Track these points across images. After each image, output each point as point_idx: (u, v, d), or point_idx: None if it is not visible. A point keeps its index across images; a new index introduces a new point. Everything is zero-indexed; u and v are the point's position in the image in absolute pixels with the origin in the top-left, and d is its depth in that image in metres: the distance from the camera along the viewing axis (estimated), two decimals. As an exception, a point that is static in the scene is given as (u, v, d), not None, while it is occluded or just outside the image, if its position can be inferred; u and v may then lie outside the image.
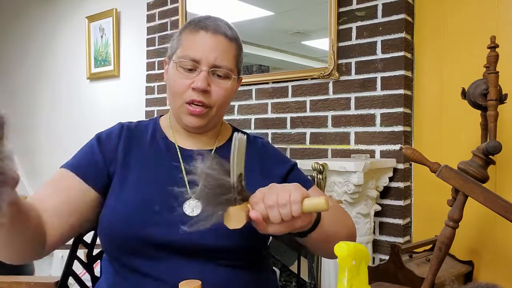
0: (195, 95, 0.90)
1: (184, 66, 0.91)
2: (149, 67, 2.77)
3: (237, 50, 0.96)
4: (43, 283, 1.06)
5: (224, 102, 0.95)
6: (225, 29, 0.94)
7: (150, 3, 2.75)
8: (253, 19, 2.30)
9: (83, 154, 0.94)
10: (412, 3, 1.85)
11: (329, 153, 1.99)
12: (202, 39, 0.92)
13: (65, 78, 3.46)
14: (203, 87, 0.89)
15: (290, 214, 0.70)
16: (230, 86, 0.94)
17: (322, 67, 2.00)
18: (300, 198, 0.71)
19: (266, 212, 0.71)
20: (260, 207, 0.72)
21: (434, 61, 1.82)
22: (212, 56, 0.90)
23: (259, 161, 1.01)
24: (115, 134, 0.97)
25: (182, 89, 0.91)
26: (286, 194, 0.71)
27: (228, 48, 0.93)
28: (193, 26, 0.94)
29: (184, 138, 0.99)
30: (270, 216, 0.71)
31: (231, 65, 0.94)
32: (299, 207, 0.71)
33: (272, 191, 0.73)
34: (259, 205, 0.72)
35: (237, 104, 2.32)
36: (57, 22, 3.51)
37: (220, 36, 0.92)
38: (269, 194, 0.72)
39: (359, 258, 0.69)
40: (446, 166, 1.16)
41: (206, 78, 0.90)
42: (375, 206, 1.79)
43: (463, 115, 1.70)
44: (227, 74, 0.93)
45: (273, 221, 0.72)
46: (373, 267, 1.51)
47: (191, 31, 0.93)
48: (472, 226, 1.68)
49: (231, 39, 0.94)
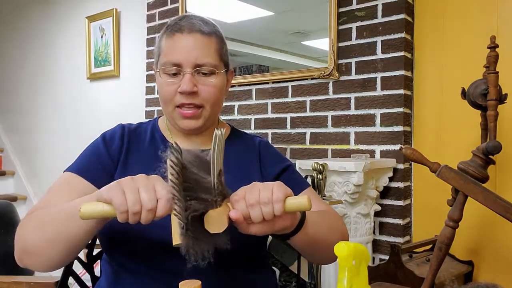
0: (183, 98, 0.91)
1: (168, 72, 0.92)
2: (149, 67, 2.76)
3: (218, 43, 0.95)
4: (43, 283, 1.06)
5: (216, 99, 0.95)
6: (200, 25, 0.93)
7: (150, 3, 2.75)
8: (253, 19, 2.30)
9: (89, 156, 0.94)
10: (412, 3, 1.85)
11: (329, 153, 1.99)
12: (179, 41, 0.92)
13: (65, 78, 3.46)
14: (189, 89, 0.90)
15: (272, 213, 0.68)
16: (217, 82, 0.94)
17: (322, 67, 2.00)
18: (283, 196, 0.69)
19: (247, 211, 0.69)
20: (241, 206, 0.69)
21: (434, 61, 1.82)
22: (192, 56, 0.90)
23: (258, 161, 1.01)
24: (118, 135, 0.97)
25: (171, 95, 0.92)
26: (269, 192, 0.69)
27: (207, 44, 0.92)
28: (169, 30, 0.95)
29: (182, 139, 0.99)
30: (252, 215, 0.69)
31: (214, 61, 0.93)
32: (282, 206, 0.69)
33: (254, 189, 0.70)
34: (240, 203, 0.69)
35: (237, 104, 2.32)
36: (57, 22, 3.51)
37: (196, 34, 0.92)
38: (251, 193, 0.70)
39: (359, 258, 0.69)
40: (446, 166, 1.16)
41: (191, 79, 0.90)
42: (375, 206, 1.79)
43: (463, 115, 1.70)
44: (212, 71, 0.92)
45: (255, 220, 0.69)
46: (373, 267, 1.51)
47: (168, 36, 0.94)
48: (472, 226, 1.68)
49: (209, 34, 0.93)
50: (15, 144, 3.96)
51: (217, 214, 0.68)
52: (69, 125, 3.40)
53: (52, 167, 3.53)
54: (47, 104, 3.62)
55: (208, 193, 0.66)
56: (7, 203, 1.85)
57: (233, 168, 0.97)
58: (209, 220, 0.67)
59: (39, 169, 3.69)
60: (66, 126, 3.44)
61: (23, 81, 3.86)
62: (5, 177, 3.87)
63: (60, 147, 3.47)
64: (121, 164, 0.93)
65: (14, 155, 3.95)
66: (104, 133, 0.99)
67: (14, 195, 3.74)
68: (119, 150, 0.94)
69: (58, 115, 3.52)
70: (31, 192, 3.75)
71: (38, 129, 3.71)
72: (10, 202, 1.86)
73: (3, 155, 4.02)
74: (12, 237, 0.81)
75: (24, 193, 3.79)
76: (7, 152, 3.98)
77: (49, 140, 3.59)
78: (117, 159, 0.93)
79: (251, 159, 1.02)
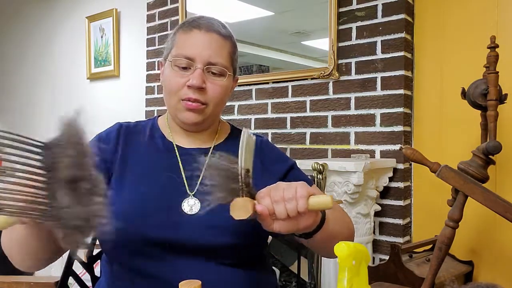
0: (190, 92, 0.90)
1: (179, 65, 0.91)
2: (149, 67, 2.77)
3: (232, 48, 0.96)
4: (43, 283, 1.06)
5: (220, 100, 0.95)
6: (218, 27, 0.93)
7: (150, 3, 2.75)
8: (253, 19, 2.30)
9: None
10: (412, 3, 1.85)
11: (329, 153, 1.99)
12: (196, 37, 0.92)
13: (65, 78, 3.46)
14: (198, 84, 0.89)
15: (296, 210, 0.71)
16: (225, 83, 0.94)
17: (322, 67, 2.00)
18: (306, 194, 0.71)
19: (272, 207, 0.71)
20: (266, 202, 0.72)
21: (434, 61, 1.82)
22: (206, 53, 0.90)
23: (259, 159, 1.01)
24: (113, 134, 0.96)
25: (178, 87, 0.91)
26: (293, 189, 0.72)
27: (222, 45, 0.93)
28: (186, 26, 0.94)
29: (182, 136, 0.99)
30: (276, 211, 0.71)
31: (226, 63, 0.93)
32: (305, 202, 0.71)
33: (279, 188, 0.73)
34: (265, 199, 0.72)
35: (237, 104, 2.32)
36: (57, 22, 3.51)
37: (213, 33, 0.92)
38: (276, 190, 0.73)
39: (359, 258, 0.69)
40: (446, 166, 1.16)
41: (201, 75, 0.90)
42: (375, 206, 1.79)
43: (463, 115, 1.70)
44: (222, 72, 0.92)
45: (279, 216, 0.71)
46: (373, 267, 1.51)
47: (185, 31, 0.94)
48: (472, 226, 1.68)
49: (225, 36, 0.94)
50: (15, 144, 3.96)
51: (243, 201, 0.71)
52: (69, 125, 3.40)
53: (52, 167, 3.53)
54: (47, 104, 3.62)
55: (235, 183, 0.70)
56: (7, 203, 1.84)
57: None
58: (235, 206, 0.70)
59: (39, 169, 3.69)
60: (66, 126, 3.43)
61: (23, 81, 3.86)
62: (5, 177, 3.87)
63: (60, 147, 3.46)
64: (118, 162, 0.92)
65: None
66: (99, 134, 0.98)
67: (14, 195, 3.74)
68: (114, 149, 0.94)
69: (58, 115, 3.51)
70: (31, 192, 3.75)
71: (38, 129, 3.71)
72: (10, 202, 1.85)
73: (3, 155, 4.02)
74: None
75: (24, 193, 3.79)
76: (7, 152, 3.98)
77: (49, 140, 3.59)
78: (112, 158, 0.93)
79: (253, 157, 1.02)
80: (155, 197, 0.87)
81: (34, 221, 0.61)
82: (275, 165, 1.00)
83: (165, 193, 0.88)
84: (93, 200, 0.58)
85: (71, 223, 0.56)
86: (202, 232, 0.85)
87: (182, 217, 0.86)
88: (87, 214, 0.57)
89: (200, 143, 0.99)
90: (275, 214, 0.72)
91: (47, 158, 0.58)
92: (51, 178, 0.57)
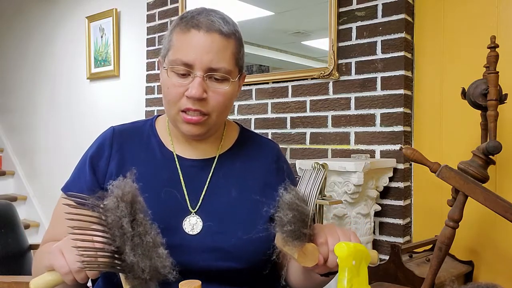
0: (190, 103, 0.81)
1: (177, 72, 0.82)
2: (149, 67, 2.77)
3: (236, 46, 0.86)
4: (43, 283, 1.05)
5: (224, 108, 0.87)
6: (220, 24, 0.83)
7: (150, 3, 2.75)
8: (253, 19, 2.30)
9: (76, 179, 0.89)
10: (412, 3, 1.85)
11: (329, 153, 1.99)
12: (194, 39, 0.81)
13: (65, 78, 3.46)
14: (198, 95, 0.80)
15: None
16: (229, 90, 0.85)
17: (322, 67, 2.00)
18: None
19: (327, 255, 0.72)
20: (324, 250, 0.71)
21: (434, 61, 1.82)
22: (206, 58, 0.80)
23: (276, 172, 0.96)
24: (106, 144, 0.90)
25: (176, 97, 0.83)
26: (347, 239, 0.73)
27: (225, 46, 0.83)
28: (184, 24, 0.84)
29: (183, 145, 0.91)
30: (329, 260, 0.71)
31: (230, 66, 0.84)
32: None
33: (335, 236, 0.73)
34: (324, 248, 0.72)
35: (237, 104, 2.32)
36: (57, 22, 3.51)
37: (214, 34, 0.82)
38: (332, 237, 0.72)
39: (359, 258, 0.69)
40: (446, 166, 1.16)
41: (201, 84, 0.81)
42: (375, 206, 1.79)
43: (463, 115, 1.70)
44: (225, 77, 0.84)
45: (330, 266, 0.72)
46: (373, 267, 1.51)
47: (182, 30, 0.83)
48: (472, 226, 1.68)
49: (228, 35, 0.84)
50: (15, 144, 3.96)
51: (312, 248, 0.69)
52: (69, 125, 3.40)
53: (52, 167, 3.53)
54: (47, 104, 3.62)
55: (305, 226, 0.68)
56: (7, 203, 1.84)
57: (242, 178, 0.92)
58: (306, 253, 0.68)
59: (39, 169, 3.69)
60: (66, 126, 3.43)
61: (23, 81, 3.86)
62: (5, 177, 3.87)
63: (60, 147, 3.46)
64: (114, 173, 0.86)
65: (14, 155, 3.95)
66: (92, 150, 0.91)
67: (14, 195, 3.74)
68: (107, 162, 0.87)
69: (58, 115, 3.52)
70: (31, 192, 3.75)
71: (38, 129, 3.71)
72: (10, 202, 1.86)
73: (3, 155, 4.02)
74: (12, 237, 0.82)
75: (24, 193, 3.79)
76: (7, 152, 3.99)
77: (49, 140, 3.59)
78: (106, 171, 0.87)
79: (267, 169, 0.95)
80: (154, 216, 0.76)
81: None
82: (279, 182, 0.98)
83: (165, 211, 0.82)
84: (158, 252, 0.65)
85: (140, 276, 0.63)
86: (204, 255, 0.81)
87: (183, 239, 0.81)
88: (154, 267, 0.63)
89: (203, 153, 0.92)
90: (327, 261, 0.72)
91: (109, 217, 0.64)
92: (116, 235, 0.63)
